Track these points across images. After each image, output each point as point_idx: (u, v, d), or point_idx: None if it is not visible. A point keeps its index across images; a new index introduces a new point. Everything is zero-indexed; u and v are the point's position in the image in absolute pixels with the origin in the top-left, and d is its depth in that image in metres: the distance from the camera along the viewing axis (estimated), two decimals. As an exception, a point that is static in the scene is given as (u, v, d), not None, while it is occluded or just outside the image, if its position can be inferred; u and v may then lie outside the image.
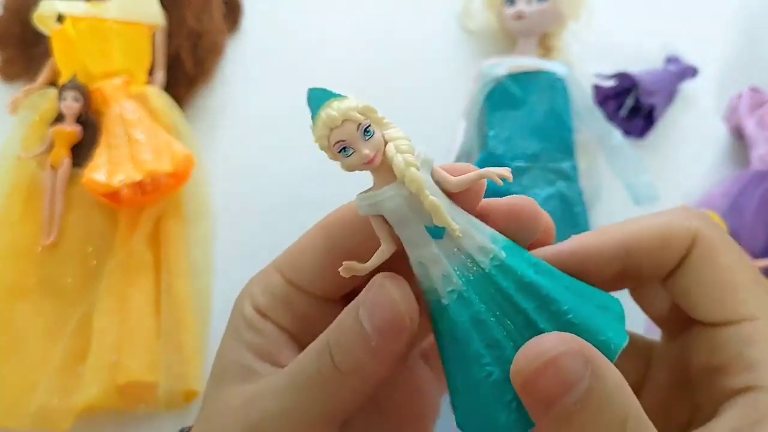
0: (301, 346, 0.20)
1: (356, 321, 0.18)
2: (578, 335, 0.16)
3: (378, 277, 0.18)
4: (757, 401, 0.17)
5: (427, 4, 0.54)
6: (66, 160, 0.44)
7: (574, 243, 0.20)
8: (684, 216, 0.20)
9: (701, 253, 0.19)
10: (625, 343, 0.18)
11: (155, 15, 0.48)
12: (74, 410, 0.39)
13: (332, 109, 0.17)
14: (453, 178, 0.18)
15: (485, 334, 0.18)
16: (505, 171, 0.18)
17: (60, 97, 0.45)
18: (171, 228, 0.44)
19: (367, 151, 0.17)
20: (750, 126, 0.48)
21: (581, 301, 0.18)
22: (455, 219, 0.18)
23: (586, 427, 0.15)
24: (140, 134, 0.44)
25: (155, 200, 0.44)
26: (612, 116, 0.49)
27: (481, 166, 0.19)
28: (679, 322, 0.20)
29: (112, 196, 0.43)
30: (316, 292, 0.21)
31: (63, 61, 0.47)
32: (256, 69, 0.44)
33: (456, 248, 0.18)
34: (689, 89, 0.51)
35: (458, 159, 0.45)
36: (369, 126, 0.18)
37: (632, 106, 0.49)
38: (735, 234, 0.44)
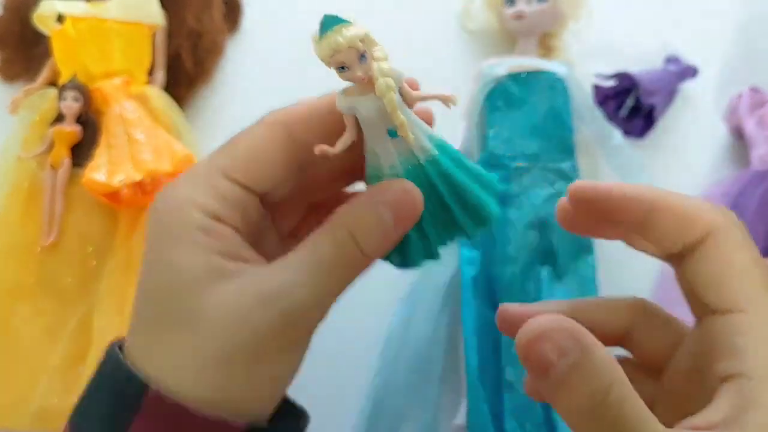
0: (253, 246, 0.23)
1: (378, 214, 0.22)
2: (475, 207, 0.24)
3: (399, 182, 0.22)
4: (743, 388, 0.18)
5: (427, 4, 0.54)
6: (66, 160, 0.44)
7: (613, 186, 0.21)
8: (710, 206, 0.21)
9: (714, 243, 0.20)
10: (497, 212, 0.25)
11: (155, 15, 0.48)
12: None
13: (341, 36, 0.22)
14: (413, 93, 0.24)
15: None
16: (451, 96, 0.24)
17: (60, 97, 0.45)
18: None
19: (360, 73, 0.22)
20: (750, 126, 0.48)
21: (480, 185, 0.25)
22: (409, 124, 0.22)
23: (577, 389, 0.17)
24: (140, 134, 0.44)
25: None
26: (612, 116, 0.49)
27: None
28: (694, 308, 0.21)
29: (112, 196, 0.43)
30: (279, 190, 0.23)
31: (63, 61, 0.47)
32: (256, 69, 0.44)
33: (404, 146, 0.23)
34: (689, 89, 0.51)
35: None
36: (365, 53, 0.22)
37: (632, 106, 0.49)
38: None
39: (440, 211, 0.24)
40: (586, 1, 0.48)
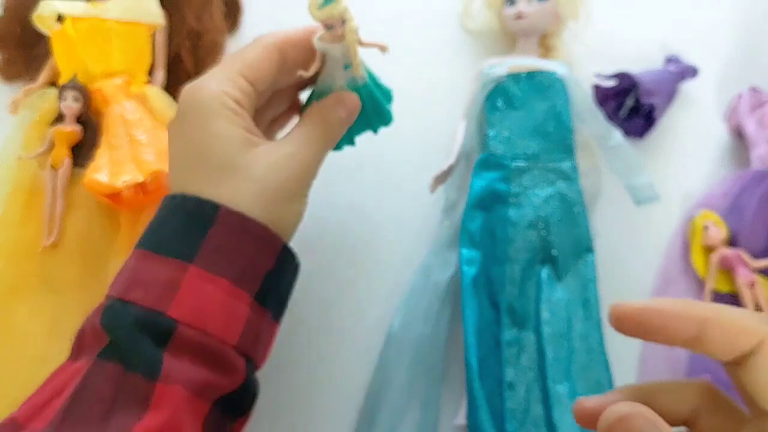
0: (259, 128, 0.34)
1: (337, 110, 0.35)
2: (383, 113, 0.40)
3: (348, 94, 0.36)
4: None
5: (427, 4, 0.54)
6: (66, 160, 0.44)
7: (661, 307, 0.23)
8: (758, 317, 0.23)
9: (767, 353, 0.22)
10: (392, 117, 0.41)
11: (155, 15, 0.48)
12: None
13: (336, 10, 0.33)
14: (363, 41, 0.35)
15: None
16: (384, 45, 0.36)
17: (60, 97, 0.45)
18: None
19: (339, 32, 0.34)
20: (750, 126, 0.48)
21: (386, 100, 0.40)
22: (360, 62, 0.36)
23: None
24: (142, 135, 0.44)
25: (157, 200, 0.44)
26: (612, 116, 0.49)
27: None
28: (751, 409, 0.24)
29: (114, 196, 0.43)
30: (266, 92, 0.35)
31: (63, 61, 0.47)
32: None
33: (351, 74, 0.36)
34: (689, 89, 0.51)
35: (458, 159, 0.45)
36: (344, 20, 0.33)
37: (632, 106, 0.49)
38: (735, 234, 0.44)
39: (362, 115, 0.38)
40: (585, 1, 0.48)
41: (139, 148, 0.43)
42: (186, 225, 0.30)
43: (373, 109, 0.39)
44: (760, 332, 0.22)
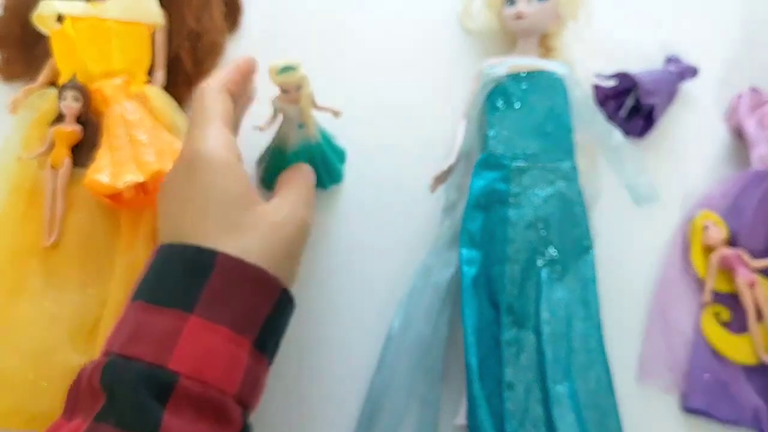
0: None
1: (311, 180, 0.40)
2: (334, 171, 0.46)
3: (306, 167, 0.41)
4: None
5: (427, 4, 0.54)
6: (66, 160, 0.44)
7: None
8: None
9: None
10: (342, 176, 0.47)
11: (155, 15, 0.48)
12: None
13: (291, 78, 0.38)
14: (317, 105, 0.41)
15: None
16: (338, 111, 0.41)
17: (60, 97, 0.45)
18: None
19: (294, 96, 0.39)
20: (750, 126, 0.48)
21: (338, 158, 0.47)
22: (313, 124, 0.41)
23: None
24: (142, 135, 0.44)
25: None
26: (612, 116, 0.49)
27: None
28: None
29: (115, 196, 0.43)
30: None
31: (63, 61, 0.47)
32: (256, 69, 0.44)
33: (304, 134, 0.41)
34: (689, 89, 0.51)
35: (459, 159, 0.45)
36: (300, 86, 0.38)
37: (632, 106, 0.49)
38: (735, 234, 0.44)
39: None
40: (585, 2, 0.48)
41: (139, 148, 0.43)
42: (185, 274, 0.30)
43: (324, 167, 0.44)
44: None
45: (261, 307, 0.31)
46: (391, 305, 0.43)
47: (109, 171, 0.43)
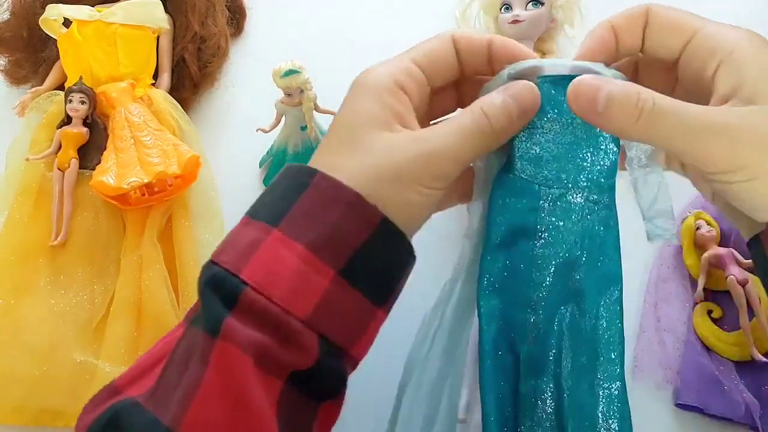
0: (419, 119, 0.31)
1: (505, 102, 0.30)
2: None
3: (524, 83, 0.30)
4: (731, 71, 0.29)
5: (427, 7, 0.55)
6: (73, 162, 0.45)
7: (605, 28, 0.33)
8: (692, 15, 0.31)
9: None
10: None
11: (160, 19, 0.49)
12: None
13: (295, 82, 0.41)
14: (320, 108, 0.43)
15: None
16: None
17: (66, 100, 0.46)
18: (181, 228, 0.45)
19: (297, 99, 0.41)
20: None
21: None
22: (314, 126, 0.43)
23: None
24: (147, 137, 0.45)
25: (162, 199, 0.45)
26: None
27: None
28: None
29: (121, 197, 0.44)
30: (436, 82, 0.32)
31: (69, 64, 0.48)
32: (260, 72, 0.44)
33: (306, 136, 0.44)
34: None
35: None
36: (303, 89, 0.41)
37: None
38: (727, 233, 0.45)
39: None
40: (579, 6, 0.49)
41: (144, 150, 0.44)
42: (285, 190, 0.29)
43: None
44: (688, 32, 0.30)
45: (352, 235, 0.28)
46: (417, 318, 0.42)
47: (114, 172, 0.44)
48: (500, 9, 0.49)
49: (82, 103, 0.46)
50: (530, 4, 0.47)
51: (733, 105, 0.28)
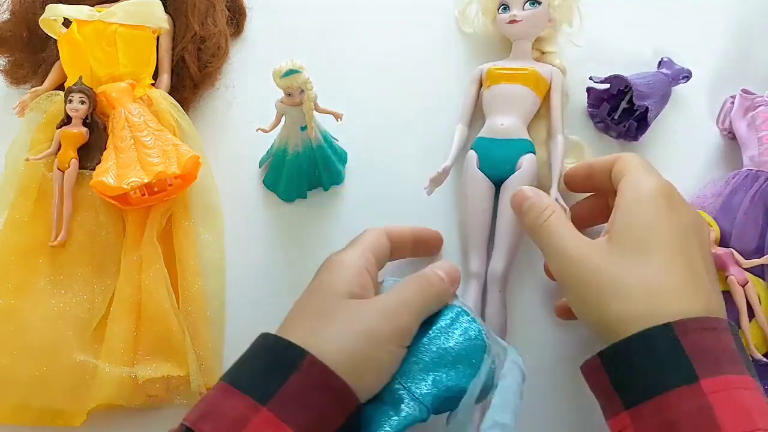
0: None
1: (441, 279, 0.36)
2: (334, 172, 0.48)
3: (447, 263, 0.38)
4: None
5: (427, 8, 0.55)
6: (73, 162, 0.45)
7: (587, 163, 0.43)
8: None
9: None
10: (344, 177, 0.49)
11: (160, 19, 0.49)
12: (87, 407, 0.40)
13: (295, 81, 0.40)
14: (320, 108, 0.43)
15: (300, 170, 0.46)
16: (340, 114, 0.44)
17: (66, 100, 0.46)
18: (181, 228, 0.45)
19: (297, 100, 0.41)
20: (742, 128, 0.48)
21: (339, 160, 0.48)
22: (315, 125, 0.43)
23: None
24: (147, 137, 0.45)
25: (162, 199, 0.45)
26: (605, 119, 0.50)
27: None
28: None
29: (121, 197, 0.44)
30: (380, 263, 0.39)
31: (69, 64, 0.48)
32: (260, 72, 0.44)
33: (306, 136, 0.44)
34: (682, 92, 0.52)
35: (454, 161, 0.46)
36: (303, 89, 0.41)
37: (626, 108, 0.50)
38: (726, 234, 0.45)
39: (314, 172, 0.46)
40: (577, 6, 0.49)
41: (144, 150, 0.44)
42: (270, 365, 0.31)
43: (325, 169, 0.46)
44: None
45: (332, 419, 0.30)
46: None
47: (114, 172, 0.44)
48: (498, 9, 0.49)
49: (82, 103, 0.46)
50: (527, 3, 0.48)
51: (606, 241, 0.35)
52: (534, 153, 0.45)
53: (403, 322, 0.34)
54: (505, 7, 0.48)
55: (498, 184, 0.45)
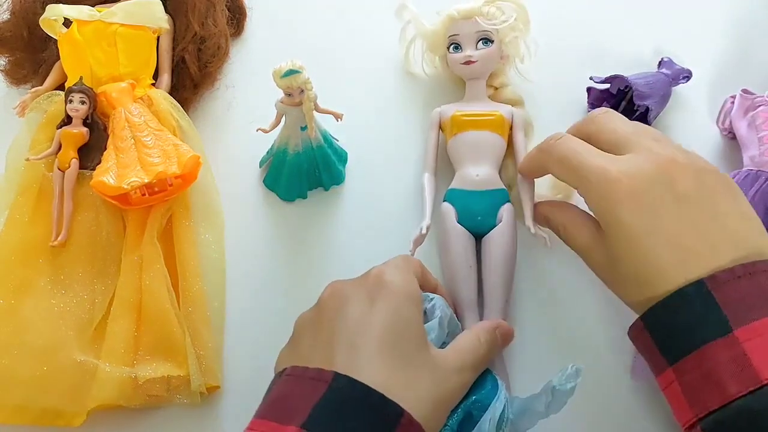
0: None
1: (495, 336, 0.38)
2: (334, 172, 0.48)
3: (499, 322, 0.40)
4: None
5: (426, 9, 0.55)
6: (73, 162, 0.45)
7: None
8: None
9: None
10: (344, 178, 0.49)
11: (160, 19, 0.49)
12: (87, 407, 0.40)
13: (295, 81, 0.40)
14: (319, 108, 0.43)
15: (300, 170, 0.46)
16: (340, 114, 0.44)
17: (66, 100, 0.46)
18: (181, 228, 0.45)
19: (298, 100, 0.41)
20: (742, 128, 0.48)
21: (339, 160, 0.48)
22: (315, 125, 0.43)
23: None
24: (147, 137, 0.45)
25: (163, 199, 0.45)
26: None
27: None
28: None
29: (121, 197, 0.44)
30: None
31: (69, 64, 0.48)
32: (260, 73, 0.44)
33: (306, 136, 0.44)
34: (682, 92, 0.52)
35: (433, 212, 0.44)
36: (303, 89, 0.41)
37: (626, 108, 0.50)
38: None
39: (314, 172, 0.46)
40: (526, 41, 0.48)
41: (144, 150, 0.44)
42: (371, 425, 0.29)
43: (326, 169, 0.46)
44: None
45: None
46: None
47: (115, 172, 0.44)
48: (449, 48, 0.48)
49: (83, 103, 0.46)
50: (480, 42, 0.46)
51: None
52: (510, 202, 0.44)
53: (465, 389, 0.34)
54: (457, 46, 0.47)
55: (478, 237, 0.43)
